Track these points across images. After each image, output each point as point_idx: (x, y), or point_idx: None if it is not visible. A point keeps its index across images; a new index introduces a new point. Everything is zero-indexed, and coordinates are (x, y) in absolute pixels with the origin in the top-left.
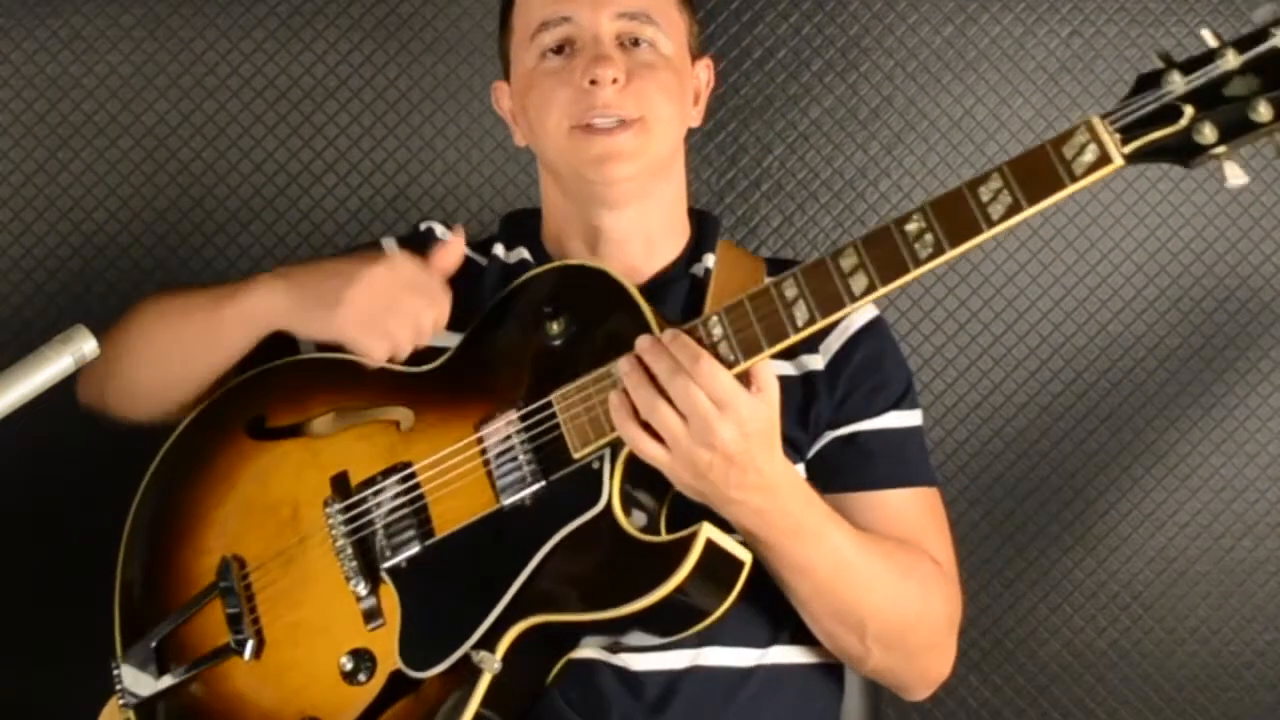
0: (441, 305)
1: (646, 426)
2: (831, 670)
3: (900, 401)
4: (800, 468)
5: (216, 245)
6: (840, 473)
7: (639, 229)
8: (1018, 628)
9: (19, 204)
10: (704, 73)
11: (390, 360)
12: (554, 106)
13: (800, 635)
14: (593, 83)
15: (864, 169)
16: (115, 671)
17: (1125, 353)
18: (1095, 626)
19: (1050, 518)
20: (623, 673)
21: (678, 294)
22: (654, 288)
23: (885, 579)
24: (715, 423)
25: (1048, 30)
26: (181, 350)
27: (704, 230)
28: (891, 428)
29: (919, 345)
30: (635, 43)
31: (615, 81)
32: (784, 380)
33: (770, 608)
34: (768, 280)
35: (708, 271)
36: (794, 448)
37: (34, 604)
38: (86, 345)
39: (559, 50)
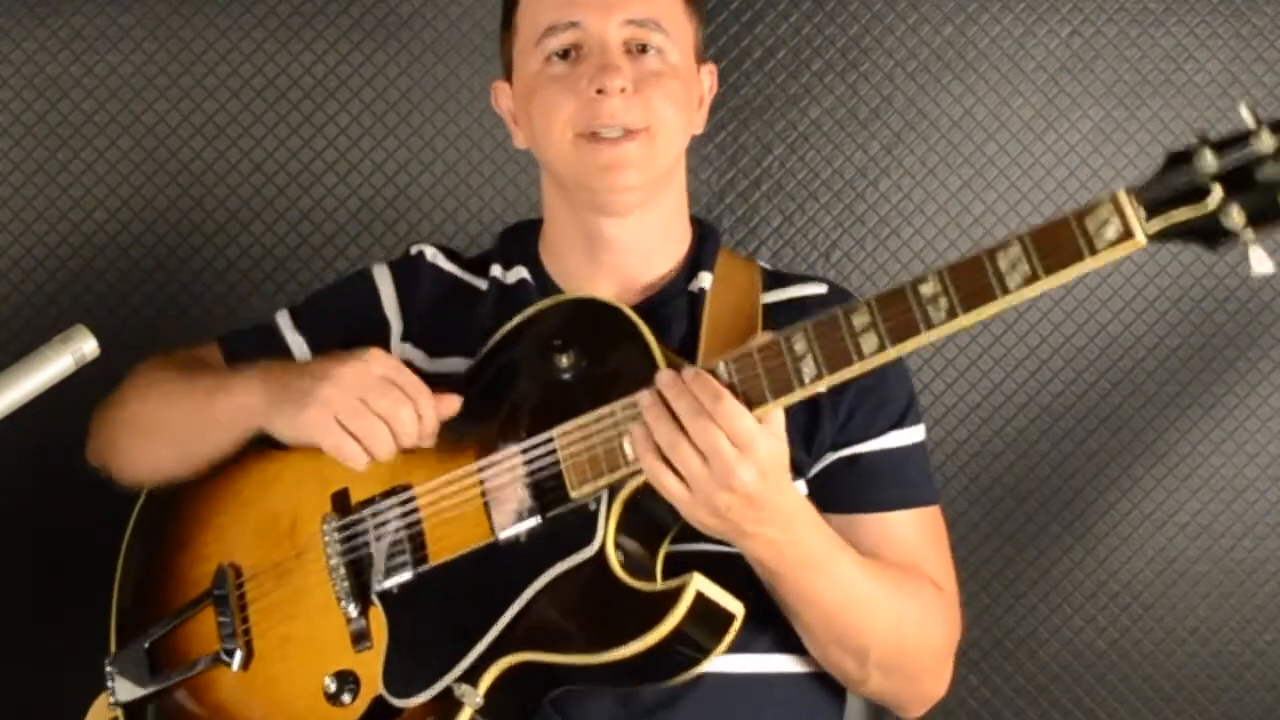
0: (421, 401)
1: (668, 462)
2: (833, 678)
3: (903, 419)
4: (801, 485)
5: (216, 245)
6: (843, 494)
7: (639, 237)
8: (1018, 628)
9: (19, 204)
10: (708, 78)
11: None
12: (559, 114)
13: (802, 643)
14: (600, 91)
15: (864, 169)
16: (108, 669)
17: (1125, 353)
18: (1095, 626)
19: (1050, 518)
20: None
21: (678, 312)
22: (654, 305)
23: (890, 607)
24: (736, 465)
25: (1048, 30)
26: (180, 441)
27: (704, 242)
28: (894, 447)
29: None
30: (643, 49)
31: (623, 91)
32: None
33: (772, 615)
34: (779, 332)
35: (703, 291)
36: (794, 468)
37: (33, 603)
38: (86, 345)
39: (564, 55)
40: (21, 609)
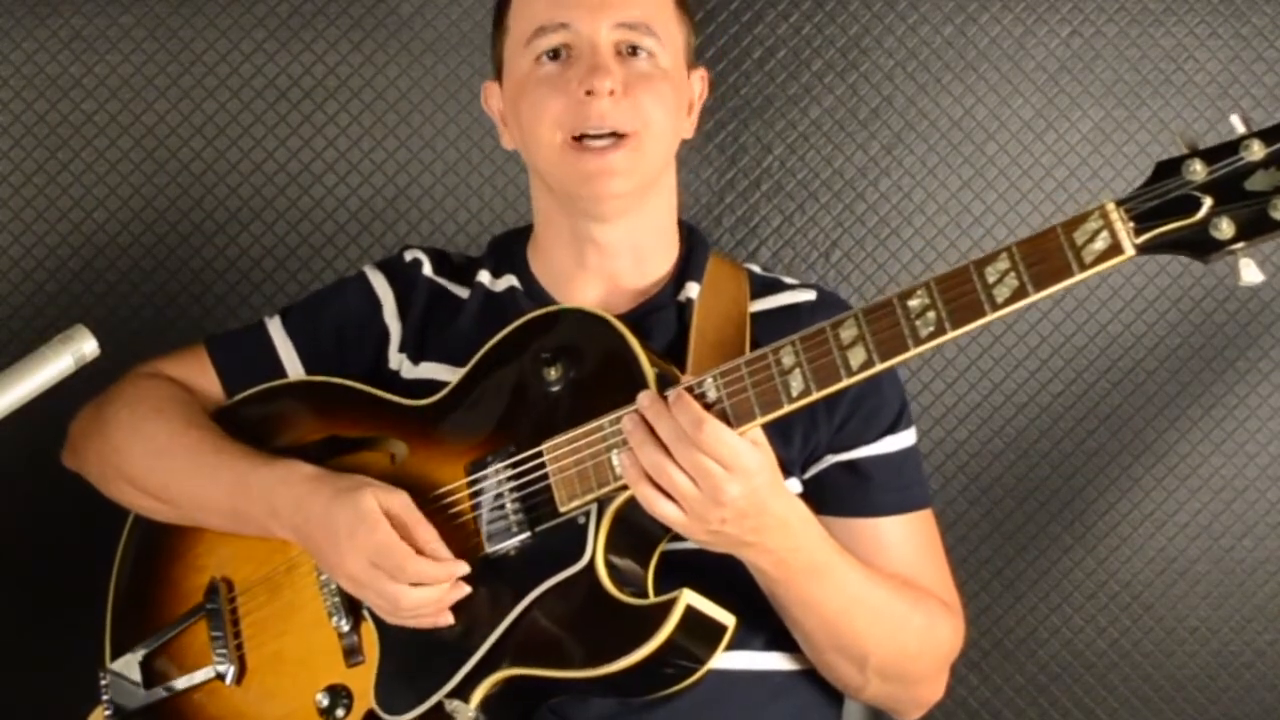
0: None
1: (661, 489)
2: None
3: (897, 424)
4: (794, 484)
5: (216, 245)
6: (840, 498)
7: (628, 242)
8: (1018, 628)
9: (19, 204)
10: (698, 84)
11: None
12: (547, 115)
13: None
14: (589, 93)
15: (864, 169)
16: (103, 682)
17: (1125, 353)
18: (1095, 626)
19: (1050, 518)
20: None
21: (666, 321)
22: (642, 313)
23: (891, 613)
24: (725, 483)
25: (1048, 30)
26: (188, 519)
27: (693, 250)
28: (889, 452)
29: None
30: (633, 52)
31: (612, 93)
32: None
33: (768, 613)
34: (767, 346)
35: (690, 301)
36: (784, 468)
37: (32, 605)
38: (86, 345)
39: (555, 56)
40: (21, 610)
